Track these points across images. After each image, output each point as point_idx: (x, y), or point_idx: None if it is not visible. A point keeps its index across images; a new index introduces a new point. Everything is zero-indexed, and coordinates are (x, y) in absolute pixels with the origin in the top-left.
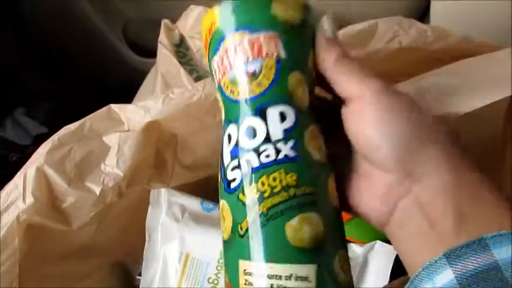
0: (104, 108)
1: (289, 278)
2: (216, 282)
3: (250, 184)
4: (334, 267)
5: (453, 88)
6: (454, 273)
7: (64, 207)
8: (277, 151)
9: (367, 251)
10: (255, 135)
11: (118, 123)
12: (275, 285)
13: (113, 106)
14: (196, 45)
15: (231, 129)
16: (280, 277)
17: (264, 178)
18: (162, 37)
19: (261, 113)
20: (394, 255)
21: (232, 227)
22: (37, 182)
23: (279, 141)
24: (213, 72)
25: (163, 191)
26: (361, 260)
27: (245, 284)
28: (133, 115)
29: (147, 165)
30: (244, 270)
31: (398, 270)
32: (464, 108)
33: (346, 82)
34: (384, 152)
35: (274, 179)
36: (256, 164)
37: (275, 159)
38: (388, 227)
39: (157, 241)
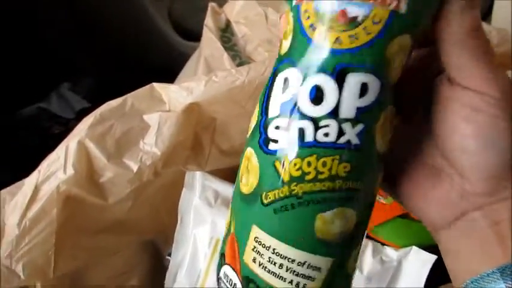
0: (147, 87)
1: (302, 264)
2: None
3: (294, 158)
4: (349, 263)
5: None
6: None
7: (102, 181)
8: (340, 132)
9: (402, 256)
10: (320, 101)
11: (159, 103)
12: (285, 266)
13: (156, 85)
14: (242, 31)
15: (293, 73)
16: (294, 261)
17: (312, 158)
18: (208, 21)
19: (338, 75)
20: (431, 264)
21: (255, 188)
22: (78, 154)
23: (346, 120)
24: None
25: (198, 174)
26: (395, 264)
27: (255, 250)
28: (176, 95)
29: (184, 146)
30: (257, 238)
31: (433, 279)
32: None
33: (470, 64)
34: (477, 159)
35: (324, 164)
36: (310, 138)
37: (334, 142)
38: (445, 232)
39: (189, 224)
